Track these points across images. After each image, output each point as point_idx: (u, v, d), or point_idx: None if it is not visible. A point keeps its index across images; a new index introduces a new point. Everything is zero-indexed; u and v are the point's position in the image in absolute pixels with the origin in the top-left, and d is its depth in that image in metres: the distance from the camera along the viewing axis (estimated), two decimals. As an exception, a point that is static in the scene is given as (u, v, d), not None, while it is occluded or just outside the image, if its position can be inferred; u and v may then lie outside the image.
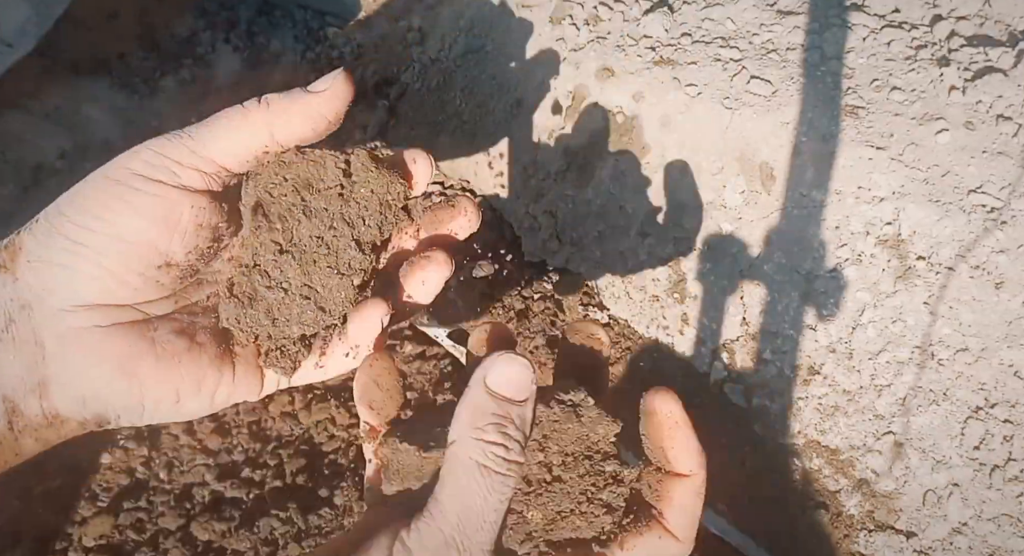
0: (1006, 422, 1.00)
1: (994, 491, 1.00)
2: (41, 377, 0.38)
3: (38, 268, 0.38)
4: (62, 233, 0.38)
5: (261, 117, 0.41)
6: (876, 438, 1.08)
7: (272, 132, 0.41)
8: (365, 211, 0.45)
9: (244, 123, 0.41)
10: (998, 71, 1.03)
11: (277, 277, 0.44)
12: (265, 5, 2.03)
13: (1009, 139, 1.00)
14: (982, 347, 1.01)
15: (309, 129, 0.42)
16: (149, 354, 0.41)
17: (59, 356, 0.39)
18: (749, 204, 1.15)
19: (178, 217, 0.40)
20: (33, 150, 1.87)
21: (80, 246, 0.38)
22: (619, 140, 1.27)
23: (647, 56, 1.24)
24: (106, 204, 0.38)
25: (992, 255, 1.00)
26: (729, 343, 1.19)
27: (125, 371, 0.40)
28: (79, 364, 0.39)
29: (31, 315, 0.38)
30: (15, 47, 1.65)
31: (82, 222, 0.38)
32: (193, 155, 0.40)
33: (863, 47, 1.11)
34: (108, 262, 0.38)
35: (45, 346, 0.38)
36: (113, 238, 0.38)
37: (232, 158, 0.41)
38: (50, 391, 0.39)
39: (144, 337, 0.41)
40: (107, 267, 0.38)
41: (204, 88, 1.99)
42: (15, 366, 0.38)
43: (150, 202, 0.39)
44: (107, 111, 1.94)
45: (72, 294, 0.38)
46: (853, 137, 1.07)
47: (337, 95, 0.42)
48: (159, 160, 0.39)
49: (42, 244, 0.38)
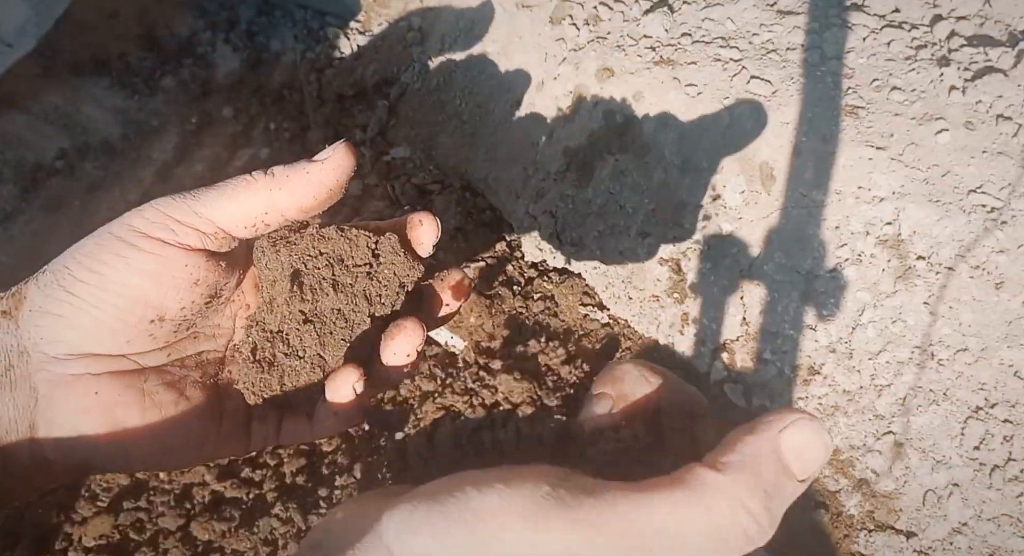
0: (1006, 422, 1.00)
1: (994, 491, 1.00)
2: (32, 421, 0.40)
3: (37, 317, 0.40)
4: (61, 285, 0.40)
5: (265, 186, 0.42)
6: (876, 438, 1.08)
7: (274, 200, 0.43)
8: (384, 290, 0.48)
9: (248, 190, 0.42)
10: (998, 71, 1.03)
11: (296, 345, 0.46)
12: (265, 5, 2.03)
13: (1009, 139, 1.01)
14: (982, 347, 1.01)
15: (311, 198, 0.43)
16: (137, 405, 0.42)
17: (50, 401, 0.40)
18: (749, 204, 1.15)
19: (172, 274, 0.42)
20: (33, 150, 1.87)
21: (76, 298, 0.40)
22: (619, 140, 1.27)
23: (647, 56, 1.24)
24: (103, 259, 0.40)
25: (992, 255, 1.00)
26: (729, 343, 1.19)
27: (112, 420, 0.41)
28: (68, 410, 0.40)
29: (28, 360, 0.40)
30: (15, 47, 1.65)
31: (80, 275, 0.40)
32: (194, 215, 0.41)
33: (863, 47, 1.11)
34: (102, 314, 0.40)
35: (38, 391, 0.40)
36: (107, 291, 0.40)
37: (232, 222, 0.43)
38: (39, 436, 0.40)
39: (134, 387, 0.42)
40: (100, 319, 0.40)
41: (204, 88, 1.99)
42: (9, 410, 0.39)
43: (145, 258, 0.41)
44: (107, 111, 1.94)
45: (66, 343, 0.40)
46: (853, 137, 1.07)
47: (338, 166, 0.43)
48: (160, 218, 0.41)
49: (43, 294, 0.40)
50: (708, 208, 1.19)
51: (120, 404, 0.41)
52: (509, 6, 1.47)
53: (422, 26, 1.72)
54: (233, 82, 1.99)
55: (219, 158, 1.89)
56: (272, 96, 1.93)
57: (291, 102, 1.92)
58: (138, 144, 1.92)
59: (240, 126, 1.91)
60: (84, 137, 1.91)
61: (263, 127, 1.89)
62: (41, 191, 1.85)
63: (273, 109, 1.91)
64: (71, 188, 1.85)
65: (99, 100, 1.94)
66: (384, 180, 1.62)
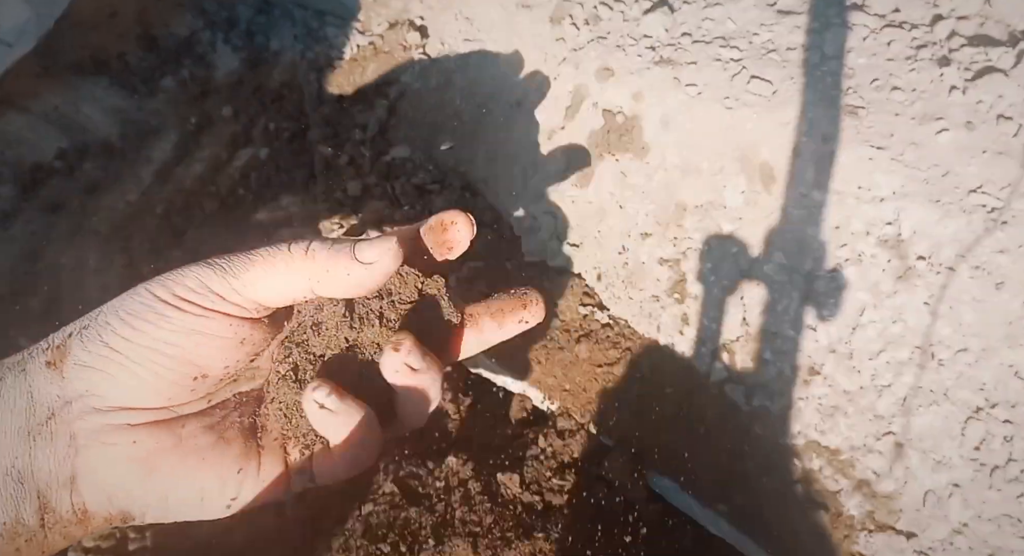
0: (1006, 423, 1.00)
1: (994, 492, 1.00)
2: (72, 472, 0.40)
3: (81, 371, 0.41)
4: (104, 341, 0.41)
5: (305, 270, 0.42)
6: (876, 438, 1.08)
7: (313, 287, 0.43)
8: (424, 325, 0.48)
9: (288, 271, 0.42)
10: (998, 71, 1.03)
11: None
12: (264, 5, 2.03)
13: (1010, 139, 1.00)
14: (982, 347, 1.01)
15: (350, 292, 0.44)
16: (174, 451, 0.42)
17: (89, 452, 0.40)
18: (749, 204, 1.15)
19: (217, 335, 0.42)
20: (32, 150, 1.87)
21: (118, 354, 0.41)
22: (619, 140, 1.27)
23: (647, 56, 1.24)
24: (146, 317, 0.41)
25: (992, 255, 1.00)
26: (729, 343, 1.19)
27: (149, 468, 0.41)
28: (107, 460, 0.41)
29: (70, 410, 0.40)
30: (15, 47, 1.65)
31: (123, 332, 0.41)
32: (235, 293, 0.42)
33: (863, 47, 1.11)
34: (144, 371, 0.41)
35: (78, 441, 0.40)
36: (150, 350, 0.41)
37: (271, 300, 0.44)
38: (79, 486, 0.40)
39: (172, 433, 0.43)
40: (143, 376, 0.41)
41: (203, 88, 1.98)
42: (50, 460, 0.40)
43: (189, 320, 0.41)
44: (106, 111, 1.94)
45: (107, 397, 0.41)
46: (853, 137, 1.06)
47: (385, 270, 0.43)
48: (202, 289, 0.42)
49: (86, 349, 0.41)
50: (708, 208, 1.19)
51: (158, 452, 0.42)
52: (509, 6, 1.47)
53: (422, 26, 1.72)
54: (232, 82, 1.99)
55: (219, 158, 1.88)
56: (271, 96, 1.93)
57: (290, 102, 1.91)
58: (137, 144, 1.92)
59: (239, 126, 1.91)
60: (83, 137, 1.90)
61: (263, 127, 1.89)
62: (40, 191, 1.85)
63: (272, 109, 1.91)
64: (70, 188, 1.85)
65: (98, 100, 1.94)
66: (384, 180, 1.61)
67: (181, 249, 1.75)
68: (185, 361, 0.42)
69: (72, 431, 0.40)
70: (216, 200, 1.81)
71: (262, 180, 1.83)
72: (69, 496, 0.40)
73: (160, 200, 1.82)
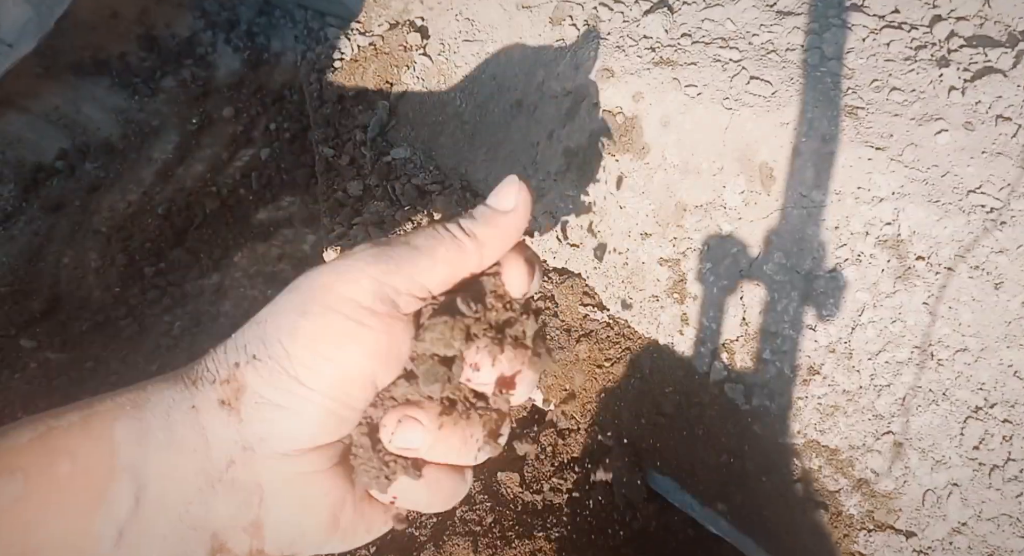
0: (1005, 422, 1.00)
1: (993, 491, 1.00)
2: (256, 518, 0.38)
3: (264, 410, 0.37)
4: (292, 375, 0.36)
5: (474, 250, 0.40)
6: (876, 438, 1.08)
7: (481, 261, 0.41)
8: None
9: (460, 257, 0.40)
10: (997, 72, 1.03)
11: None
12: (266, 5, 2.03)
13: (1008, 139, 1.01)
14: (981, 347, 1.01)
15: (507, 247, 0.42)
16: (350, 500, 0.40)
17: (277, 501, 0.38)
18: (749, 204, 1.15)
19: (398, 347, 0.39)
20: (33, 150, 1.88)
21: (308, 390, 0.36)
22: (619, 140, 1.27)
23: (647, 56, 1.25)
24: (332, 341, 0.36)
25: (991, 255, 1.00)
26: (729, 343, 1.19)
27: (333, 519, 0.39)
28: (294, 509, 0.38)
29: (253, 457, 0.37)
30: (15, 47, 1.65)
31: (312, 363, 0.36)
32: (413, 284, 0.39)
33: (863, 48, 1.11)
34: (332, 403, 0.37)
35: (264, 490, 0.37)
36: (341, 378, 0.37)
37: (440, 286, 0.41)
38: (263, 533, 0.38)
39: (347, 481, 0.40)
40: (331, 408, 0.37)
41: (204, 88, 1.99)
42: (230, 508, 0.37)
43: (375, 338, 0.37)
44: (107, 111, 1.94)
45: (295, 438, 0.37)
46: (853, 137, 1.07)
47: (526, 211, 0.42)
48: (382, 290, 0.38)
49: (268, 384, 0.36)
50: (708, 208, 1.19)
51: (337, 503, 0.39)
52: (509, 6, 1.47)
53: (422, 26, 1.72)
54: (233, 82, 1.99)
55: (219, 158, 1.89)
56: (272, 96, 1.94)
57: (291, 102, 1.92)
58: (138, 144, 1.93)
59: (240, 126, 1.91)
60: (84, 137, 1.91)
61: (263, 127, 1.90)
62: (41, 191, 1.85)
63: (273, 109, 1.92)
64: (71, 188, 1.85)
65: (99, 100, 1.94)
66: (384, 180, 1.62)
67: (182, 249, 1.76)
68: (370, 383, 0.38)
69: (258, 480, 0.37)
70: (217, 200, 1.82)
71: (263, 180, 1.84)
72: (250, 540, 0.38)
73: (161, 200, 1.82)
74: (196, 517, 0.36)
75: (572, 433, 1.29)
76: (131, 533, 0.35)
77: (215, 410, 0.37)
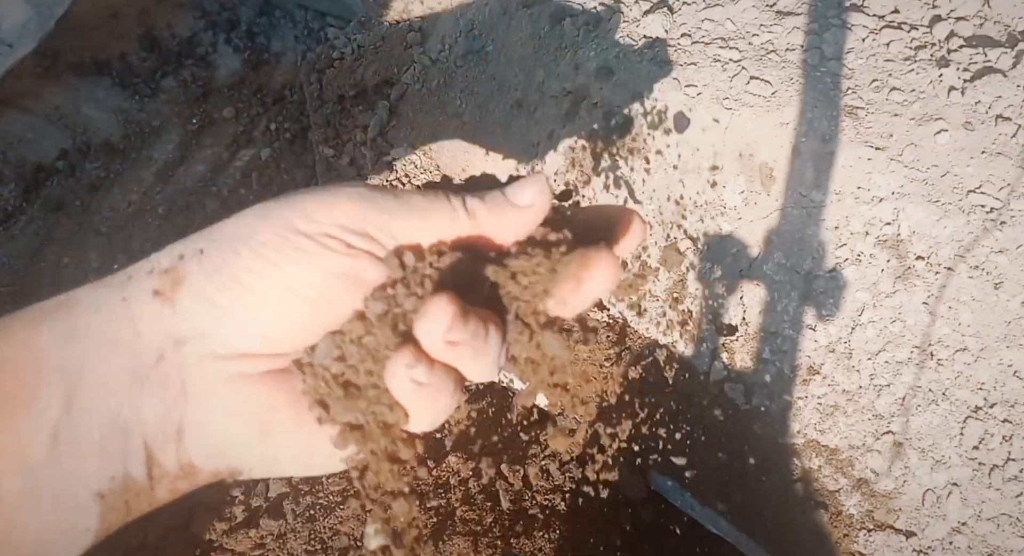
0: (1005, 422, 1.00)
1: (993, 491, 1.00)
2: (179, 424, 0.36)
3: (200, 305, 0.35)
4: (233, 274, 0.35)
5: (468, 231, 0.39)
6: (875, 438, 1.08)
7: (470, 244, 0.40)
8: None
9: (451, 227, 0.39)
10: (997, 72, 1.03)
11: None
12: (266, 5, 2.04)
13: (1008, 139, 1.01)
14: (981, 347, 1.01)
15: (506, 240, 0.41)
16: (289, 408, 0.38)
17: (200, 405, 0.36)
18: (749, 204, 1.15)
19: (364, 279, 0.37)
20: (33, 150, 1.88)
21: (252, 294, 0.35)
22: (619, 140, 1.27)
23: (647, 56, 1.25)
24: (288, 254, 0.35)
25: (991, 255, 1.00)
26: (729, 343, 1.19)
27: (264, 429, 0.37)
28: (219, 414, 0.36)
29: (182, 353, 0.35)
30: (15, 47, 1.65)
31: (256, 266, 0.35)
32: (389, 237, 0.38)
33: (862, 48, 1.11)
34: (274, 314, 0.36)
35: (188, 391, 0.36)
36: (289, 290, 0.35)
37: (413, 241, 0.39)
38: (186, 441, 0.36)
39: (288, 389, 0.38)
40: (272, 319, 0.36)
41: (205, 88, 1.99)
42: (157, 409, 0.35)
43: (338, 261, 0.36)
44: (108, 111, 1.94)
45: (229, 341, 0.36)
46: (852, 137, 1.07)
47: (542, 210, 0.40)
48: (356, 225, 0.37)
49: (210, 280, 0.35)
50: (708, 208, 1.20)
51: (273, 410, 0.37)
52: (509, 6, 1.48)
53: (422, 26, 1.72)
54: (234, 82, 1.99)
55: (220, 158, 1.89)
56: (273, 96, 1.94)
57: (292, 102, 1.92)
58: (139, 144, 1.93)
59: (241, 126, 1.92)
60: (85, 137, 1.91)
61: (264, 127, 1.90)
62: (42, 191, 1.85)
63: (274, 109, 1.92)
64: (72, 188, 1.85)
65: (100, 100, 1.94)
66: (385, 180, 1.62)
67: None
68: (321, 305, 0.36)
69: (183, 378, 0.35)
70: (217, 200, 1.82)
71: (263, 180, 1.84)
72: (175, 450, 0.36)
73: (162, 200, 1.82)
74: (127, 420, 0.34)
75: (572, 434, 1.29)
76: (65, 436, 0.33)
77: (147, 300, 0.35)
